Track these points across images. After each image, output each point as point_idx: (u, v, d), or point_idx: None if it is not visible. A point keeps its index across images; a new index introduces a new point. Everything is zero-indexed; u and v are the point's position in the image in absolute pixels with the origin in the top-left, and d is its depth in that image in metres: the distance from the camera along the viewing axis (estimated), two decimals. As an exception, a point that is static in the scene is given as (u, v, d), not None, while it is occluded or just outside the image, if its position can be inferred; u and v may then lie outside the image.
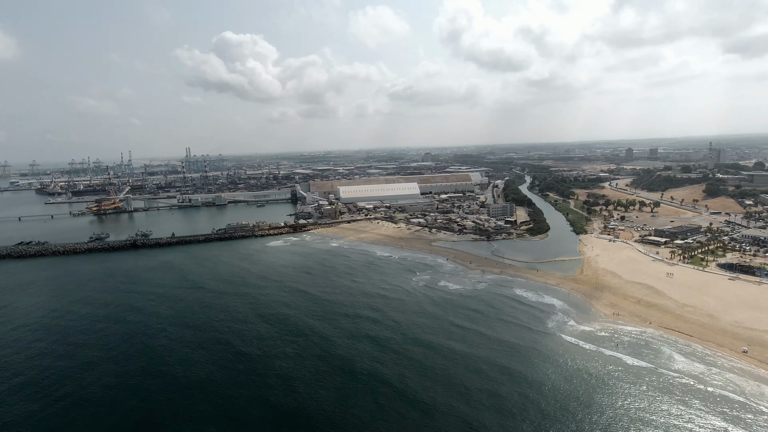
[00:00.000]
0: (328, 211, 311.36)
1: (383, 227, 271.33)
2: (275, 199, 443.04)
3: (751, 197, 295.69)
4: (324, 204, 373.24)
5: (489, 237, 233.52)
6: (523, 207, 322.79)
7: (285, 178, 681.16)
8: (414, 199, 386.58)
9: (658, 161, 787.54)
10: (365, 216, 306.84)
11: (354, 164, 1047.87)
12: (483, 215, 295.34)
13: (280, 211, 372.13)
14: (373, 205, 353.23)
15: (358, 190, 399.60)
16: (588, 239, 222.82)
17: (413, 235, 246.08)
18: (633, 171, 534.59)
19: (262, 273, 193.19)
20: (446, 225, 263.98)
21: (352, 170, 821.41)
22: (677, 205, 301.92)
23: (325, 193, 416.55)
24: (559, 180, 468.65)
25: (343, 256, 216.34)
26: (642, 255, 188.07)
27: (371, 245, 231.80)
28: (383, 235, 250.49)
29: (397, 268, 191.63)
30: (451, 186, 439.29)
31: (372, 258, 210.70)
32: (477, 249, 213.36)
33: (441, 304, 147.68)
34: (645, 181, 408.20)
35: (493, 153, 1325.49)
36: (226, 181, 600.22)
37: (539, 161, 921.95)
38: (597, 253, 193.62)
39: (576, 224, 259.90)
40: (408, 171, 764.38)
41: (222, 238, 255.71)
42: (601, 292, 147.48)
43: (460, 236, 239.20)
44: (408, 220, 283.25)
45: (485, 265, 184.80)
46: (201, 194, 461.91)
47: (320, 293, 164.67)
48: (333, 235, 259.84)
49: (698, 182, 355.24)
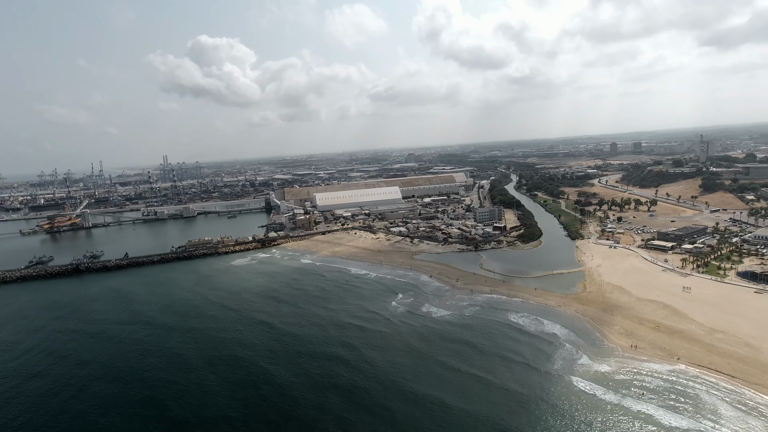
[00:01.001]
0: (302, 222, 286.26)
1: (361, 238, 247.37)
2: (248, 209, 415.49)
3: (750, 191, 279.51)
4: (299, 213, 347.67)
5: (477, 247, 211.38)
6: (511, 209, 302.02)
7: (263, 185, 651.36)
8: (395, 204, 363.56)
9: (643, 155, 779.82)
10: (342, 226, 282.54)
11: (336, 167, 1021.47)
12: (469, 220, 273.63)
13: (253, 221, 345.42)
14: (352, 212, 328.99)
15: (336, 196, 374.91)
16: (586, 246, 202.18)
17: (393, 247, 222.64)
18: (621, 166, 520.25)
19: (220, 300, 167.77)
20: (429, 234, 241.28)
21: (333, 174, 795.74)
22: (675, 202, 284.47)
23: (300, 200, 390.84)
24: (547, 178, 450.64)
25: (315, 275, 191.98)
26: (649, 264, 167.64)
27: (347, 261, 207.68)
28: (360, 248, 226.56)
29: (375, 289, 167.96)
30: (435, 188, 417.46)
31: (347, 277, 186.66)
32: (464, 262, 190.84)
33: (426, 337, 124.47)
34: (636, 177, 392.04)
35: (477, 151, 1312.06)
36: (198, 191, 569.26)
37: (524, 159, 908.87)
38: (598, 263, 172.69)
39: (570, 228, 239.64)
40: (391, 173, 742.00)
41: (180, 257, 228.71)
42: (611, 314, 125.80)
43: (444, 247, 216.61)
44: (388, 229, 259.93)
45: (474, 283, 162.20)
46: (168, 206, 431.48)
47: (285, 325, 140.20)
48: (305, 250, 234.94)
49: (692, 176, 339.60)
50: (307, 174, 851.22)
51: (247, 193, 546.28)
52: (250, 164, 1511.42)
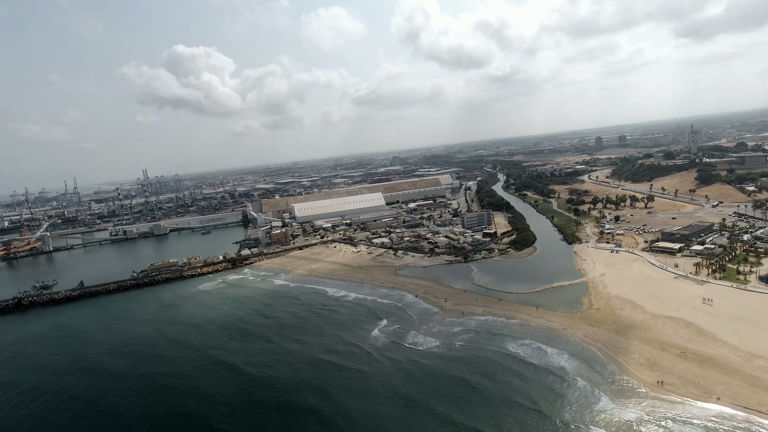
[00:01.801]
0: (278, 236, 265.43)
1: (340, 253, 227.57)
2: (225, 223, 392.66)
3: (750, 181, 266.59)
4: (277, 226, 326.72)
5: (466, 257, 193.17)
6: (501, 212, 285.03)
7: (243, 196, 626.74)
8: (379, 211, 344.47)
9: (629, 148, 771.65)
10: (321, 239, 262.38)
11: (320, 174, 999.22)
12: (457, 227, 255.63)
13: (228, 236, 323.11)
14: (332, 223, 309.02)
15: (316, 206, 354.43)
16: (584, 250, 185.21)
17: (375, 262, 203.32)
18: (609, 161, 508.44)
19: (180, 335, 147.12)
20: (415, 244, 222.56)
21: (316, 181, 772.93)
22: (672, 197, 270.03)
23: (279, 212, 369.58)
24: (535, 176, 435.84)
25: (290, 299, 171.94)
26: (658, 270, 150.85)
27: (324, 280, 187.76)
28: (340, 264, 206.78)
29: (354, 314, 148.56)
30: (420, 193, 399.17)
31: (324, 299, 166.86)
32: (453, 276, 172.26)
33: (414, 376, 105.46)
34: (626, 171, 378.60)
35: (463, 151, 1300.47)
36: (175, 205, 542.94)
37: (510, 156, 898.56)
38: (602, 272, 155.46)
39: (565, 230, 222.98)
40: (375, 177, 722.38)
41: (140, 283, 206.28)
42: (626, 338, 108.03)
43: (431, 258, 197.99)
44: (370, 240, 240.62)
45: (465, 302, 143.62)
46: (138, 224, 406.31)
47: (250, 366, 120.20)
48: (280, 268, 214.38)
49: (686, 168, 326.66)
50: (290, 182, 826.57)
51: (226, 206, 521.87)
52: (234, 174, 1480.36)
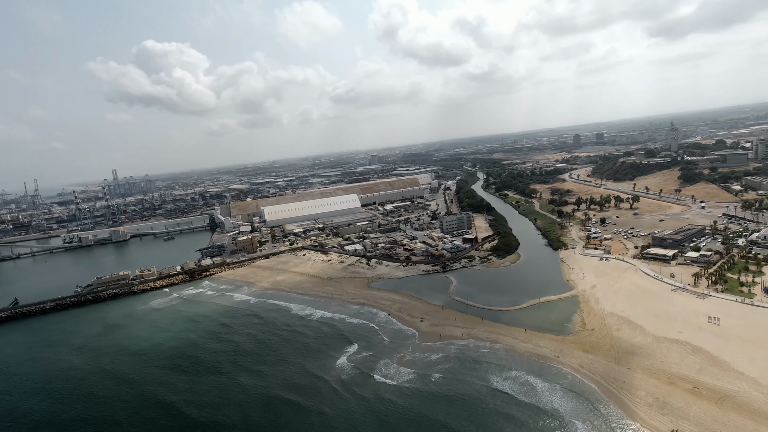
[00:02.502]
0: (244, 244, 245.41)
1: (309, 262, 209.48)
2: (191, 228, 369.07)
3: (734, 181, 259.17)
4: (245, 231, 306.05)
5: (445, 266, 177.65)
6: (481, 214, 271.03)
7: (215, 198, 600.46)
8: (354, 213, 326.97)
9: (606, 146, 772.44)
10: (290, 245, 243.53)
11: (297, 173, 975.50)
12: (435, 231, 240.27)
13: (193, 243, 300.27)
14: (304, 227, 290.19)
15: (287, 209, 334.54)
16: (572, 258, 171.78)
17: (346, 272, 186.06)
18: (589, 159, 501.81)
19: (117, 367, 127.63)
20: (390, 251, 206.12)
21: (292, 181, 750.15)
22: (657, 197, 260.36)
23: (249, 215, 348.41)
24: (516, 175, 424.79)
25: (250, 318, 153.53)
26: (653, 281, 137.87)
27: (289, 295, 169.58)
28: (308, 276, 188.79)
29: (320, 337, 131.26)
30: (397, 193, 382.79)
31: (288, 318, 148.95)
32: (430, 290, 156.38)
33: (384, 418, 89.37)
34: (608, 170, 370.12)
35: (442, 149, 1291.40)
36: (140, 208, 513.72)
37: (489, 154, 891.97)
38: (592, 283, 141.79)
39: (550, 234, 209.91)
40: (353, 177, 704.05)
41: (82, 301, 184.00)
42: (627, 368, 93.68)
43: (407, 268, 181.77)
44: (342, 247, 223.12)
45: (443, 322, 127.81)
46: (98, 229, 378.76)
47: (192, 408, 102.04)
48: (242, 281, 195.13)
49: (668, 167, 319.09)
50: (265, 182, 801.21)
51: (196, 208, 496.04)
52: (209, 174, 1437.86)
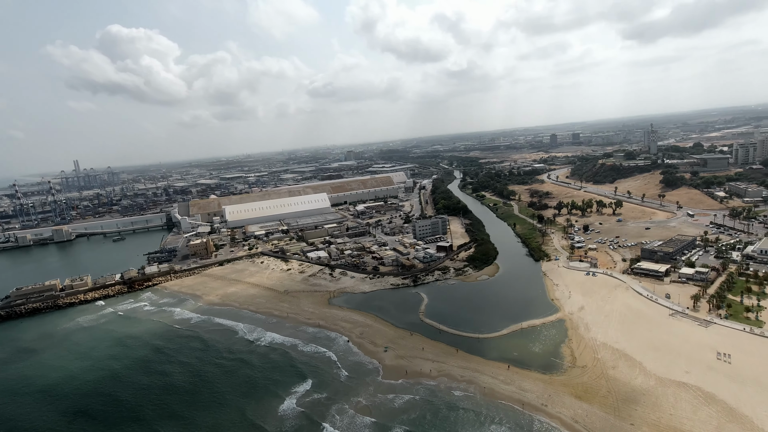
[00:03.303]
0: (197, 248, 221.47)
1: (267, 271, 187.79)
2: (146, 227, 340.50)
3: (717, 186, 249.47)
4: (204, 232, 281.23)
5: (416, 279, 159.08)
6: (457, 218, 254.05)
7: (180, 193, 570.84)
8: (323, 214, 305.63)
9: (583, 146, 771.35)
10: (249, 250, 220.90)
11: (271, 168, 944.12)
12: (408, 236, 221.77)
13: (145, 244, 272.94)
14: (267, 229, 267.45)
15: (251, 209, 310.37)
16: (555, 271, 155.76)
17: (307, 284, 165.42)
18: (567, 159, 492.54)
19: (7, 412, 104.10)
20: (357, 259, 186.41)
21: (263, 176, 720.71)
22: (640, 202, 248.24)
23: (209, 215, 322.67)
24: (493, 175, 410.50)
25: (189, 341, 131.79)
26: (647, 302, 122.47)
27: (239, 312, 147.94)
28: (263, 288, 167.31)
29: (267, 369, 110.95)
30: (370, 193, 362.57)
31: (232, 342, 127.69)
32: (398, 309, 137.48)
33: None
34: (587, 172, 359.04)
35: (419, 146, 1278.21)
36: (94, 204, 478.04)
37: (466, 152, 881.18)
38: (580, 304, 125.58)
39: (530, 242, 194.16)
40: (327, 173, 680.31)
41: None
42: (631, 424, 77.00)
43: (374, 281, 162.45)
44: (305, 254, 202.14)
45: (411, 352, 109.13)
46: (42, 227, 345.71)
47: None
48: (188, 293, 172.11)
49: (648, 170, 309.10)
50: (236, 177, 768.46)
51: (157, 204, 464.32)
52: (179, 167, 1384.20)
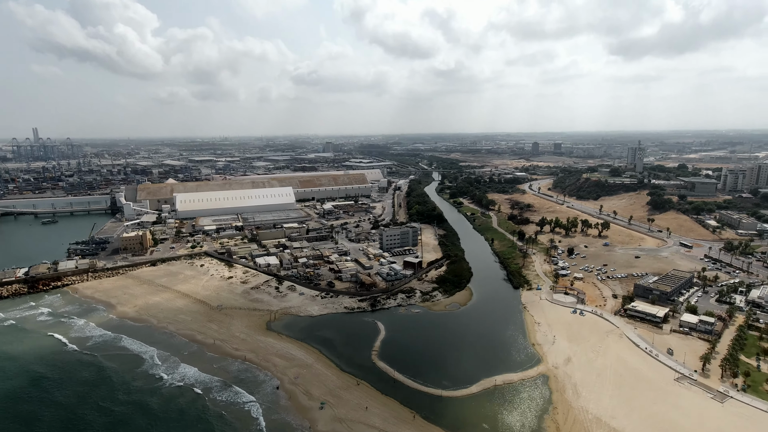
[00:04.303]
0: (130, 242, 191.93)
1: (205, 277, 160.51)
2: (87, 209, 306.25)
3: (707, 213, 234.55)
4: (147, 222, 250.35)
5: (374, 303, 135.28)
6: (431, 227, 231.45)
7: (140, 173, 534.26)
8: (286, 210, 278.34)
9: (564, 156, 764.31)
10: (191, 249, 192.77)
11: (245, 154, 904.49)
12: (374, 244, 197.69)
13: (80, 230, 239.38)
14: (220, 224, 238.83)
15: (206, 199, 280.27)
16: (537, 305, 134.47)
17: (246, 299, 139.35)
18: (549, 170, 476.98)
19: None
20: (312, 270, 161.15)
21: (234, 162, 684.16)
22: (627, 224, 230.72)
23: (159, 201, 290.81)
24: (473, 181, 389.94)
25: (78, 369, 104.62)
26: (647, 358, 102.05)
27: (153, 333, 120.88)
28: (193, 300, 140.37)
29: (162, 424, 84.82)
30: (341, 190, 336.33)
31: (132, 377, 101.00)
32: (348, 343, 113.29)
33: None
34: (570, 185, 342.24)
35: (401, 143, 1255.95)
36: (37, 178, 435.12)
37: (447, 153, 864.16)
38: (566, 354, 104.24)
39: (509, 263, 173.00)
40: (302, 164, 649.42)
41: None
42: None
43: (326, 300, 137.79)
44: (254, 258, 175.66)
45: (354, 412, 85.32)
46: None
47: None
48: (102, 299, 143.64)
49: (634, 189, 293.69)
50: (205, 161, 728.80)
51: (111, 184, 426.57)
52: (150, 145, 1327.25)
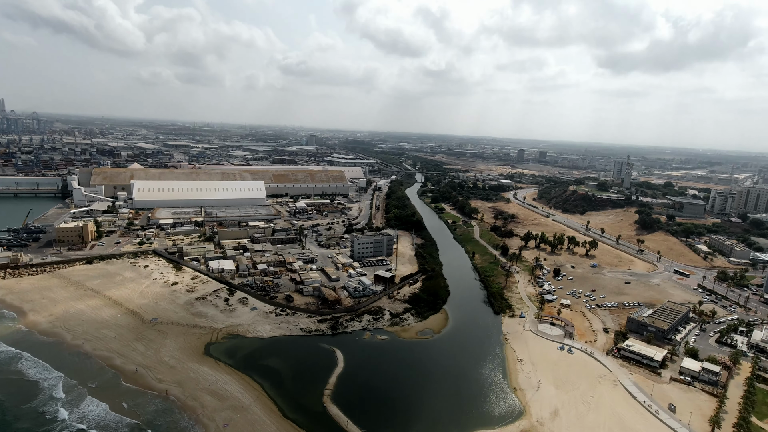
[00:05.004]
0: (67, 234, 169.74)
1: (147, 281, 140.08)
2: (35, 192, 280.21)
3: (696, 236, 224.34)
4: (97, 210, 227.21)
5: (336, 325, 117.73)
6: (409, 235, 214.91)
7: (107, 154, 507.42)
8: (254, 206, 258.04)
9: (548, 165, 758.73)
10: (138, 246, 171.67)
11: (224, 141, 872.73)
12: (344, 251, 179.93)
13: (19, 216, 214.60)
14: (178, 218, 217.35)
15: (168, 188, 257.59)
16: (519, 338, 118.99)
17: (188, 312, 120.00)
18: (534, 179, 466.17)
19: None
20: (271, 280, 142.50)
21: (210, 150, 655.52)
22: (615, 243, 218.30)
23: (115, 188, 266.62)
24: (456, 186, 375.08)
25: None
26: (647, 416, 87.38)
27: (63, 352, 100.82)
28: (124, 311, 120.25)
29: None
30: (317, 188, 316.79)
31: (19, 415, 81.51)
32: (298, 377, 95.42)
33: None
34: (556, 197, 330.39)
35: (386, 141, 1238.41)
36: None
37: (432, 155, 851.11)
38: (553, 404, 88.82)
39: (491, 282, 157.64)
40: (281, 156, 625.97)
41: None
42: None
43: (281, 319, 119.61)
44: (207, 261, 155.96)
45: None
46: None
47: None
48: (13, 303, 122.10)
49: (622, 206, 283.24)
50: (180, 146, 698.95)
51: (71, 165, 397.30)
52: (128, 125, 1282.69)
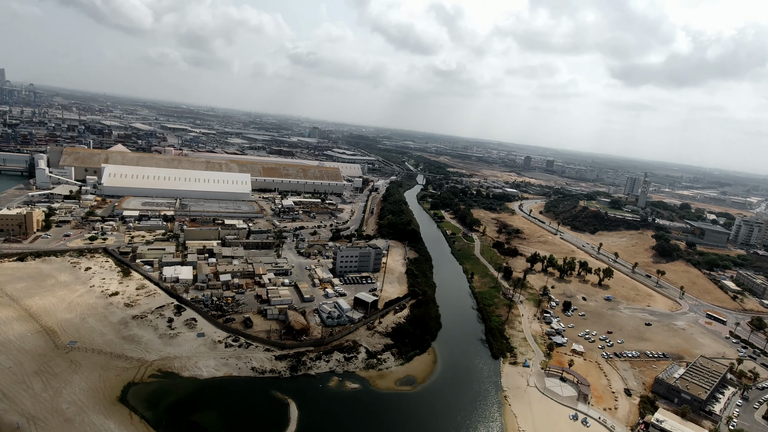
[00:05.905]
0: (7, 222, 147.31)
1: (83, 288, 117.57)
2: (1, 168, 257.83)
3: (721, 269, 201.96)
4: (58, 195, 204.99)
5: (297, 365, 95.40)
6: (401, 246, 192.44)
7: (97, 132, 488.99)
8: (237, 201, 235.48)
9: (555, 175, 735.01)
10: (88, 242, 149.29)
11: (224, 128, 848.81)
12: (327, 262, 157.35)
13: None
14: (146, 210, 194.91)
15: (142, 175, 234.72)
16: (522, 395, 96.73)
17: (117, 335, 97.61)
18: (542, 189, 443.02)
19: None
20: (231, 297, 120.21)
21: (205, 135, 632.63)
22: (631, 272, 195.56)
23: (86, 170, 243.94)
24: (458, 192, 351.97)
25: None
26: None
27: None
28: (38, 328, 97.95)
29: None
30: (309, 185, 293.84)
31: None
32: (247, 427, 73.30)
33: None
34: (565, 212, 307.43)
35: (391, 138, 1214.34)
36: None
37: (436, 155, 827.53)
38: None
39: (490, 313, 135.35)
40: (280, 146, 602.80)
41: None
42: None
43: (231, 351, 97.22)
44: (161, 267, 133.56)
45: None
46: None
47: None
48: None
49: (637, 227, 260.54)
50: (177, 129, 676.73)
51: (52, 142, 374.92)
52: (130, 104, 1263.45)
